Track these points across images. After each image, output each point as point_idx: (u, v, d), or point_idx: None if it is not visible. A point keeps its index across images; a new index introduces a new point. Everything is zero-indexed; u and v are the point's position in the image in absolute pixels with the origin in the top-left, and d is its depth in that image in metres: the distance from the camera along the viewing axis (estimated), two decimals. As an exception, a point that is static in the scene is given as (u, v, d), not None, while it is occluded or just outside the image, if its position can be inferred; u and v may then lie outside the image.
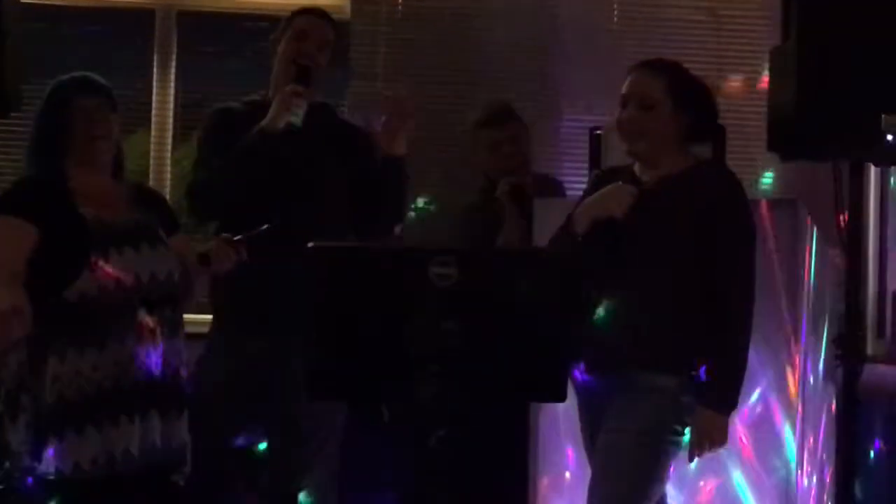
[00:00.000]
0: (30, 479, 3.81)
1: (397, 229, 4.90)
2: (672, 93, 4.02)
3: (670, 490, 4.11)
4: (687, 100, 4.04)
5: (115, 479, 3.84)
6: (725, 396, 3.89)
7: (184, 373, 4.04)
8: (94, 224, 3.86)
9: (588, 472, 4.07)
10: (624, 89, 4.05)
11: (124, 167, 4.19)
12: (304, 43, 4.58)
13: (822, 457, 4.92)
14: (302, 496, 4.61)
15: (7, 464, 3.82)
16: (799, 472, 4.64)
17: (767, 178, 5.75)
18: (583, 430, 4.13)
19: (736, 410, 3.98)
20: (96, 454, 3.81)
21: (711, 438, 3.89)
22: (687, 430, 3.92)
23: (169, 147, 5.85)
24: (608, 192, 4.00)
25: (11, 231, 3.83)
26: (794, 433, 4.63)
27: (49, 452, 3.79)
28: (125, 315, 3.88)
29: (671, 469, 3.95)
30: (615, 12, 5.95)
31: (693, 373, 3.90)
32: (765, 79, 4.92)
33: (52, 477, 3.79)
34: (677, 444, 3.92)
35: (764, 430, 4.56)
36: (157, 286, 3.94)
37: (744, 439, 4.53)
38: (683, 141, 4.04)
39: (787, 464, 4.60)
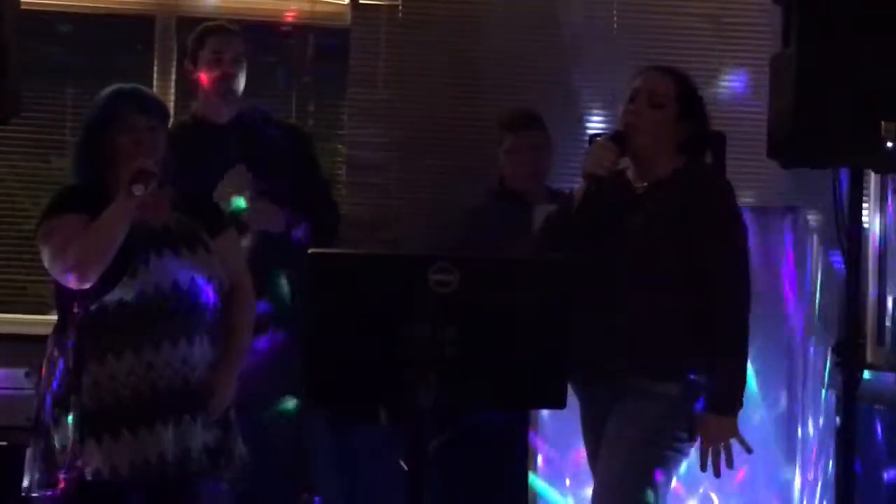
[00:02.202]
0: (71, 483, 3.82)
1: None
2: (680, 99, 4.03)
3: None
4: (692, 109, 4.05)
5: (151, 484, 3.85)
6: (731, 398, 3.88)
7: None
8: (134, 228, 3.87)
9: (590, 479, 4.06)
10: (636, 84, 4.05)
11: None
12: (220, 64, 4.91)
13: (822, 464, 4.91)
14: None
15: (52, 468, 3.84)
16: (800, 479, 4.64)
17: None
18: (585, 438, 4.12)
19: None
20: (133, 458, 3.81)
21: (724, 442, 3.88)
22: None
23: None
24: (589, 151, 4.04)
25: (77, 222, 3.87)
26: (796, 441, 4.62)
27: (88, 456, 3.80)
28: (163, 320, 3.87)
29: (673, 477, 3.95)
30: (615, 19, 5.94)
31: (693, 379, 3.89)
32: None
33: (90, 479, 3.80)
34: (681, 452, 3.92)
35: (765, 437, 4.56)
36: (196, 292, 3.93)
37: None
38: (680, 149, 4.04)
39: (788, 472, 4.60)
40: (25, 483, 3.89)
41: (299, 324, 4.53)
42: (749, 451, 3.96)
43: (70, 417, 3.83)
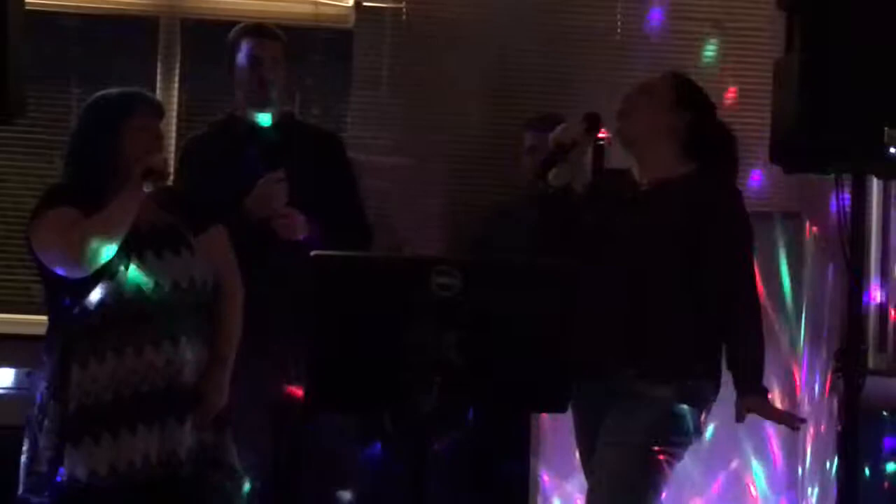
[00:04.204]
0: (52, 487, 3.82)
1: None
2: (676, 88, 4.05)
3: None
4: (689, 99, 4.05)
5: (134, 487, 3.83)
6: (761, 381, 3.92)
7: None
8: None
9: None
10: None
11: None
12: (257, 68, 4.81)
13: (822, 471, 4.91)
14: None
15: (36, 473, 3.85)
16: (800, 487, 4.64)
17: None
18: (578, 442, 4.12)
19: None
20: (114, 461, 3.80)
21: (780, 415, 4.00)
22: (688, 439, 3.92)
23: (172, 155, 5.84)
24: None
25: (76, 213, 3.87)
26: (796, 447, 4.62)
27: (67, 460, 3.79)
28: (145, 323, 3.86)
29: (668, 480, 3.94)
30: (619, 24, 5.94)
31: (689, 382, 3.90)
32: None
33: (67, 484, 3.79)
34: (675, 456, 3.92)
35: (765, 445, 4.56)
36: (180, 294, 3.92)
37: (741, 454, 4.52)
38: (684, 147, 4.04)
39: (788, 479, 4.60)
40: (20, 489, 3.90)
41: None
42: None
43: (50, 421, 3.82)
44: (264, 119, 4.83)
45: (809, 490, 4.75)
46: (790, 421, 4.03)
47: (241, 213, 4.60)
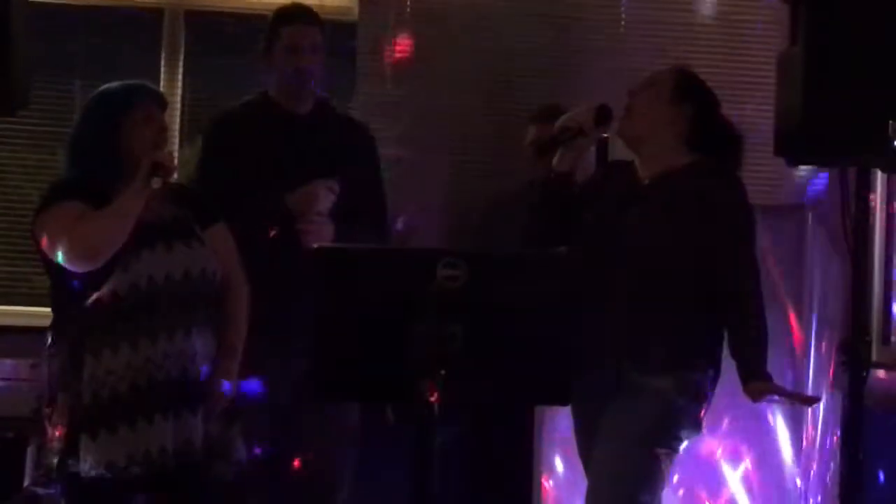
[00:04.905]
0: (65, 479, 3.84)
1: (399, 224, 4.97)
2: (676, 78, 4.06)
3: None
4: (691, 92, 4.05)
5: (152, 477, 3.85)
6: (765, 366, 3.89)
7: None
8: None
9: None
10: None
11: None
12: (297, 57, 4.74)
13: (827, 464, 4.91)
14: None
15: (45, 465, 3.85)
16: (803, 482, 4.63)
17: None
18: (577, 436, 4.12)
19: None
20: (131, 452, 3.81)
21: (789, 394, 3.97)
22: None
23: (176, 147, 5.85)
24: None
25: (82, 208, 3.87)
26: (800, 440, 4.62)
27: (83, 451, 3.80)
28: (158, 313, 3.88)
29: (667, 475, 3.94)
30: (623, 17, 5.94)
31: (689, 375, 3.90)
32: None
33: (85, 475, 3.80)
34: (676, 450, 3.92)
35: (768, 435, 4.56)
36: (191, 284, 3.94)
37: (746, 448, 4.52)
38: (686, 142, 4.04)
39: (791, 473, 4.60)
40: (27, 480, 3.91)
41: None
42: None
43: (61, 413, 3.83)
44: (300, 107, 4.79)
45: (809, 488, 4.75)
46: (801, 398, 4.02)
47: (279, 203, 4.57)
